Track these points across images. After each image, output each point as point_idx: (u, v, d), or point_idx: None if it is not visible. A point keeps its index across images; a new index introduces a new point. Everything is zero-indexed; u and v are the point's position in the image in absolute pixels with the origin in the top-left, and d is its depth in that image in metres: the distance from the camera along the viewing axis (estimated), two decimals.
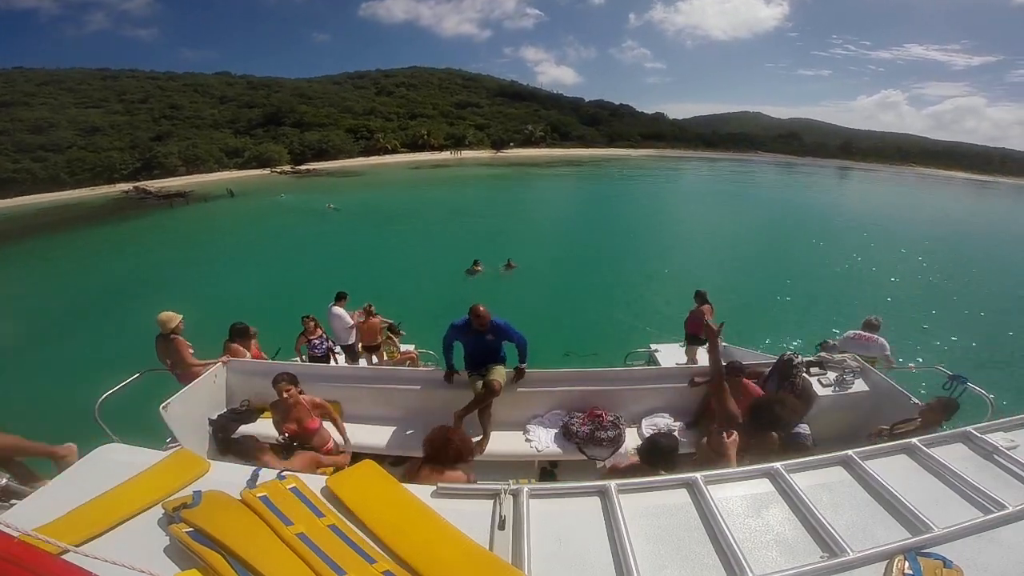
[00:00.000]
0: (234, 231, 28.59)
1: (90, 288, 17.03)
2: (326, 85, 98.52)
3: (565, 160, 74.37)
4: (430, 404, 4.32)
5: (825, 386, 4.27)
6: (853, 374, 4.30)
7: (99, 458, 2.05)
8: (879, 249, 21.28)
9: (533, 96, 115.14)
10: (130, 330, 12.16)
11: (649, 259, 18.49)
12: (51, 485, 1.90)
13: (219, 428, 3.91)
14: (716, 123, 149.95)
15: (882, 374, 4.32)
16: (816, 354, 4.73)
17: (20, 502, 1.85)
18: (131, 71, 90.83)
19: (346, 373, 4.93)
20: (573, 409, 4.35)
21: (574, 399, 4.38)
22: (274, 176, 59.34)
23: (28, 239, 29.19)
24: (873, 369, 4.40)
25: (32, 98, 69.59)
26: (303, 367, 4.91)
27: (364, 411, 4.39)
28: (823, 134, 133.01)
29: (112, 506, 1.73)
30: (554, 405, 4.43)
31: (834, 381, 4.29)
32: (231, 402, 4.51)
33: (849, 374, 4.29)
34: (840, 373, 4.34)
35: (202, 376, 4.30)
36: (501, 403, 4.28)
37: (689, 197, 41.58)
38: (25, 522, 1.41)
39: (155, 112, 73.43)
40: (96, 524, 1.64)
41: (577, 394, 4.39)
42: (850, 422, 4.11)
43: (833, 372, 4.42)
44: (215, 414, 4.13)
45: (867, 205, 40.49)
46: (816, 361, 4.57)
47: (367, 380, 4.60)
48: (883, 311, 6.98)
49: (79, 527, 1.61)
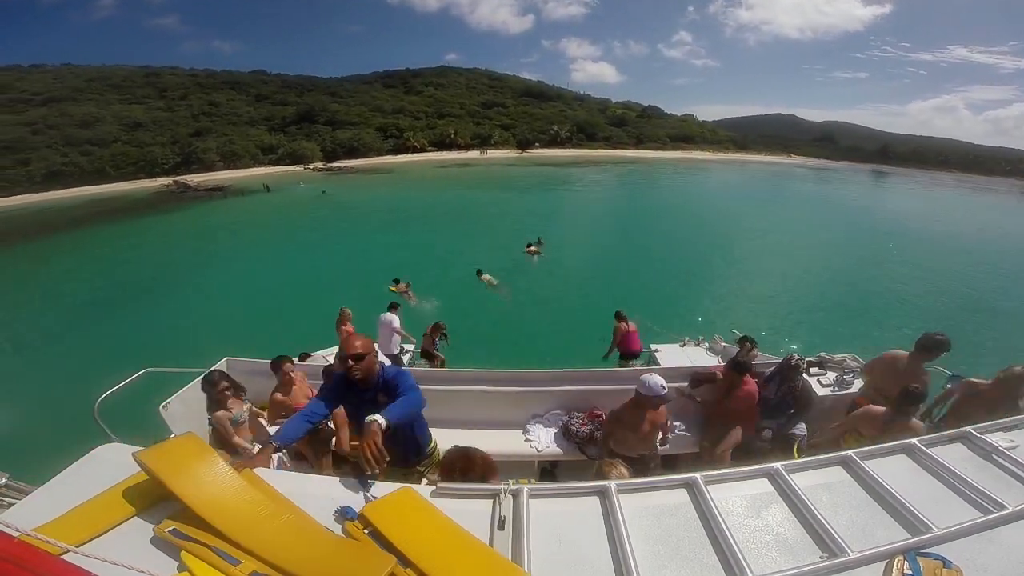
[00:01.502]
0: (273, 223, 29.53)
1: (142, 273, 17.85)
2: (357, 84, 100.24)
3: (589, 160, 73.83)
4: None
5: (825, 386, 4.27)
6: (853, 374, 4.30)
7: (99, 458, 2.05)
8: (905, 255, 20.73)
9: (559, 96, 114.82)
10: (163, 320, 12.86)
11: (684, 260, 18.27)
12: (51, 485, 1.89)
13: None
14: (747, 125, 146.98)
15: None
16: (816, 354, 4.74)
17: (20, 502, 1.84)
18: (172, 68, 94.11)
19: None
20: (573, 409, 4.35)
21: (574, 399, 4.38)
22: (307, 172, 60.59)
23: (80, 229, 30.53)
24: None
25: (80, 94, 72.75)
26: (303, 367, 4.90)
27: None
28: (859, 138, 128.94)
29: (112, 506, 1.72)
30: (554, 405, 4.42)
31: (834, 381, 4.28)
32: None
33: (849, 374, 4.29)
34: (840, 373, 4.33)
35: (203, 376, 4.32)
36: (501, 403, 4.31)
37: (718, 200, 40.79)
38: (25, 522, 1.41)
39: (194, 109, 75.78)
40: (96, 524, 1.63)
41: (577, 394, 4.39)
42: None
43: (833, 372, 4.41)
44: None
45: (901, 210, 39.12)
46: (816, 361, 4.58)
47: None
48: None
49: (79, 527, 1.60)
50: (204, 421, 3.96)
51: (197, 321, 12.35)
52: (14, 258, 23.08)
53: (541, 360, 8.76)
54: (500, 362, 7.95)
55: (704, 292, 14.37)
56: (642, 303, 11.92)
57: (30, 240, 27.85)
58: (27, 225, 33.77)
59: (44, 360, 10.49)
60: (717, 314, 12.16)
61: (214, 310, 13.46)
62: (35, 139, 58.54)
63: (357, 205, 34.40)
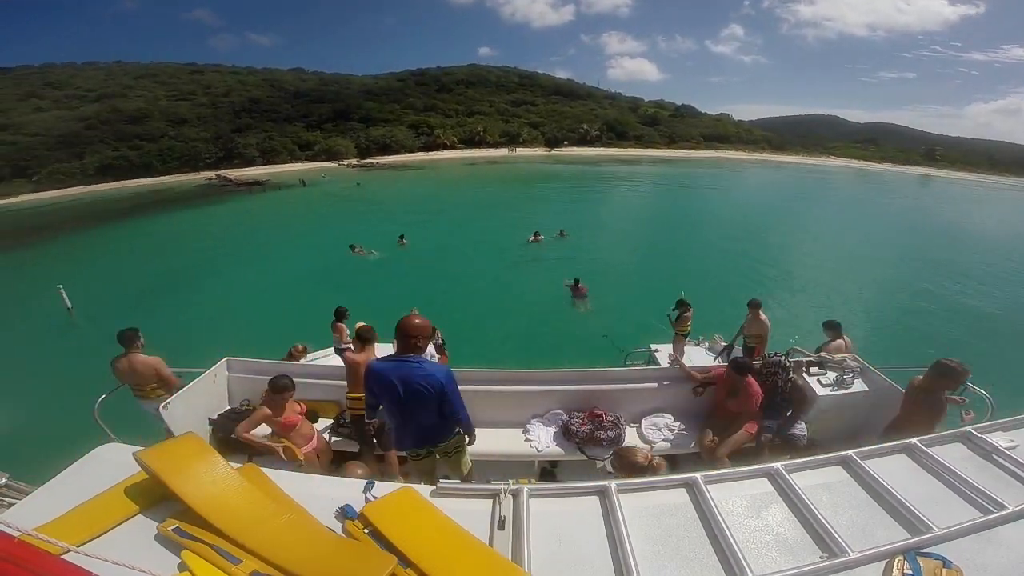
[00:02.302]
0: (306, 215, 30.51)
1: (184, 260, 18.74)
2: (391, 82, 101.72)
3: (618, 159, 72.97)
4: None
5: (825, 386, 4.21)
6: (853, 374, 4.25)
7: (99, 458, 2.04)
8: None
9: (590, 95, 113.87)
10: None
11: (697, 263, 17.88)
12: (51, 485, 1.87)
13: (219, 428, 4.01)
14: (786, 125, 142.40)
15: (881, 374, 4.21)
16: (816, 353, 4.68)
17: (20, 502, 1.83)
18: (216, 66, 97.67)
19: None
20: (573, 409, 4.32)
21: (574, 399, 4.35)
22: (341, 168, 62.08)
23: (131, 218, 32.21)
24: (872, 369, 4.30)
25: (129, 90, 76.41)
26: (304, 368, 4.84)
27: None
28: (905, 140, 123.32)
29: (113, 505, 1.70)
30: (554, 405, 4.39)
31: (834, 381, 4.23)
32: (231, 402, 4.51)
33: (849, 374, 4.23)
34: (840, 373, 4.28)
35: (202, 376, 4.26)
36: (501, 403, 4.28)
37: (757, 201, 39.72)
38: (25, 522, 1.40)
39: (236, 105, 78.59)
40: (96, 524, 1.62)
41: (577, 394, 4.35)
42: (850, 422, 4.08)
43: (833, 372, 4.35)
44: (215, 414, 4.23)
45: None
46: (816, 361, 4.51)
47: None
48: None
49: (79, 527, 1.59)
50: (204, 421, 3.99)
51: (200, 320, 12.40)
52: (66, 247, 24.43)
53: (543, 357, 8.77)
54: (501, 359, 8.02)
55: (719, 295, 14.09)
56: (645, 303, 11.90)
57: (77, 230, 29.53)
58: (83, 215, 35.83)
59: (43, 360, 10.33)
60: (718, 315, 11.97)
61: (220, 307, 13.57)
62: (89, 134, 61.87)
63: (383, 200, 35.16)
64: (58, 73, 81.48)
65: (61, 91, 73.83)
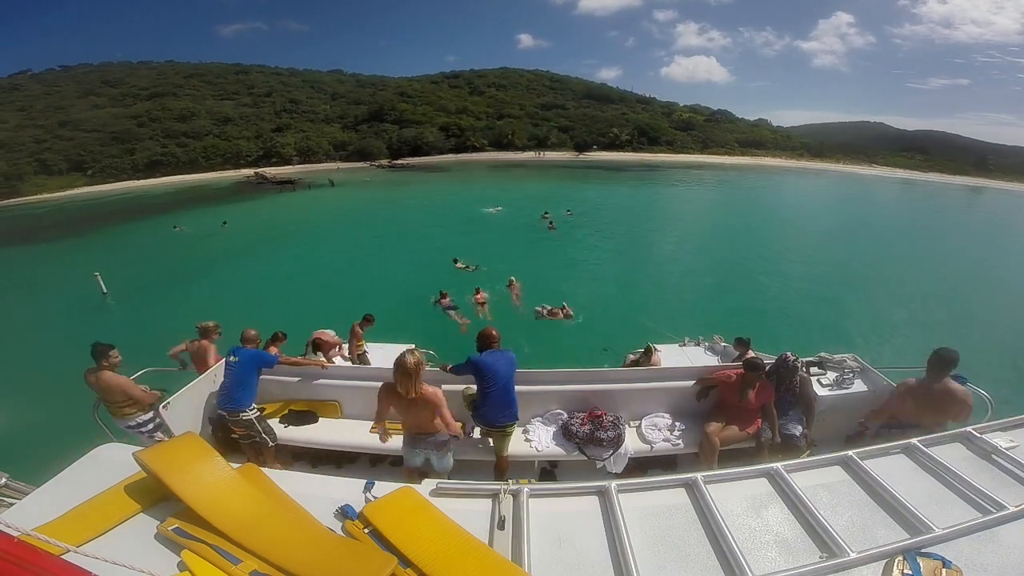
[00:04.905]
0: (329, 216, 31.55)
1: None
2: (425, 84, 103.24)
3: (645, 164, 71.94)
4: None
5: (825, 386, 4.19)
6: (853, 374, 4.22)
7: (99, 458, 2.05)
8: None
9: (622, 99, 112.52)
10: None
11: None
12: (51, 485, 1.89)
13: (219, 428, 4.03)
14: (829, 132, 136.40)
15: (881, 374, 4.16)
16: (816, 354, 4.62)
17: (20, 502, 1.84)
18: (260, 67, 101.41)
19: (346, 373, 4.77)
20: (573, 409, 4.28)
21: (574, 399, 4.30)
22: (371, 169, 63.70)
23: (172, 212, 33.91)
24: (873, 369, 4.25)
25: (179, 89, 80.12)
26: (302, 368, 4.80)
27: (364, 411, 4.22)
28: (956, 148, 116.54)
29: (112, 505, 1.71)
30: (554, 405, 4.35)
31: (834, 381, 4.21)
32: None
33: (849, 374, 4.21)
34: (840, 373, 4.25)
35: (202, 376, 4.27)
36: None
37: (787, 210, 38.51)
38: (25, 522, 1.42)
39: (277, 105, 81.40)
40: (96, 524, 1.63)
41: (577, 394, 4.31)
42: (850, 422, 4.00)
43: (833, 372, 4.32)
44: (215, 414, 4.15)
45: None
46: (816, 361, 4.48)
47: (367, 379, 4.43)
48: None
49: (79, 527, 1.60)
50: (204, 421, 4.01)
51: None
52: (94, 239, 25.87)
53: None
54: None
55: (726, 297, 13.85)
56: (649, 302, 11.84)
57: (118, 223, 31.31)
58: (125, 209, 37.96)
59: (45, 359, 10.11)
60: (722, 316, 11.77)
61: (219, 307, 13.39)
62: (140, 131, 65.43)
63: (396, 200, 36.02)
64: (115, 71, 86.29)
65: (116, 89, 78.16)
